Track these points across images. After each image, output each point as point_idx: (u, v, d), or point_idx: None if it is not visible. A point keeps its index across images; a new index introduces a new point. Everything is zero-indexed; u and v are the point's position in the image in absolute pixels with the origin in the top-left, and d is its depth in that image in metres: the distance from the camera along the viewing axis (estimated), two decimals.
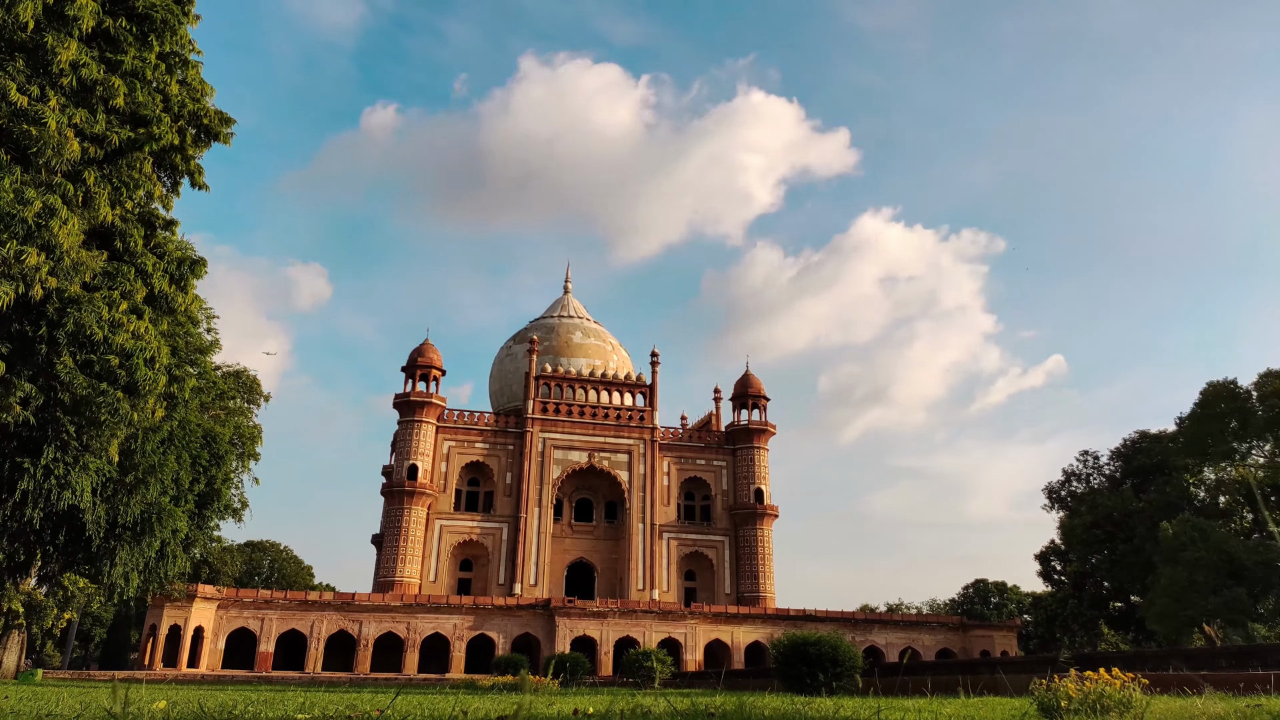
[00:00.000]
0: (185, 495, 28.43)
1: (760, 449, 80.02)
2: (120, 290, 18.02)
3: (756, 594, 74.29)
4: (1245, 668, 16.50)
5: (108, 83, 17.60)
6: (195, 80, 20.85)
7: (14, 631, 46.61)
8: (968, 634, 68.80)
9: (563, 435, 77.21)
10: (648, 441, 78.59)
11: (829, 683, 22.74)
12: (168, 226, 21.29)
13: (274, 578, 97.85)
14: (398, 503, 70.90)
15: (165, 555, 26.35)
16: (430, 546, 71.80)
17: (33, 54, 16.70)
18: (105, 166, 18.30)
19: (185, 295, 21.04)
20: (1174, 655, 20.17)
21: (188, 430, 27.59)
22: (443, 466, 74.58)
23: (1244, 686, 13.48)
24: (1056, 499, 72.58)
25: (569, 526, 77.10)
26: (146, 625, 56.77)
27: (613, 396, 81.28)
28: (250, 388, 48.50)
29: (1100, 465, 71.49)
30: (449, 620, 60.73)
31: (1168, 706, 10.34)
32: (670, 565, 76.01)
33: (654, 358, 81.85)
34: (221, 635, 57.70)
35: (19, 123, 15.98)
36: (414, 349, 77.13)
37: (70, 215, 16.31)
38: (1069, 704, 9.20)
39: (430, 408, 74.06)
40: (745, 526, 77.44)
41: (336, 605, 59.99)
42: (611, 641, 61.25)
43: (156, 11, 18.99)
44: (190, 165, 20.79)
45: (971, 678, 20.88)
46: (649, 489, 77.13)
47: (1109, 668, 9.62)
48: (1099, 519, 62.98)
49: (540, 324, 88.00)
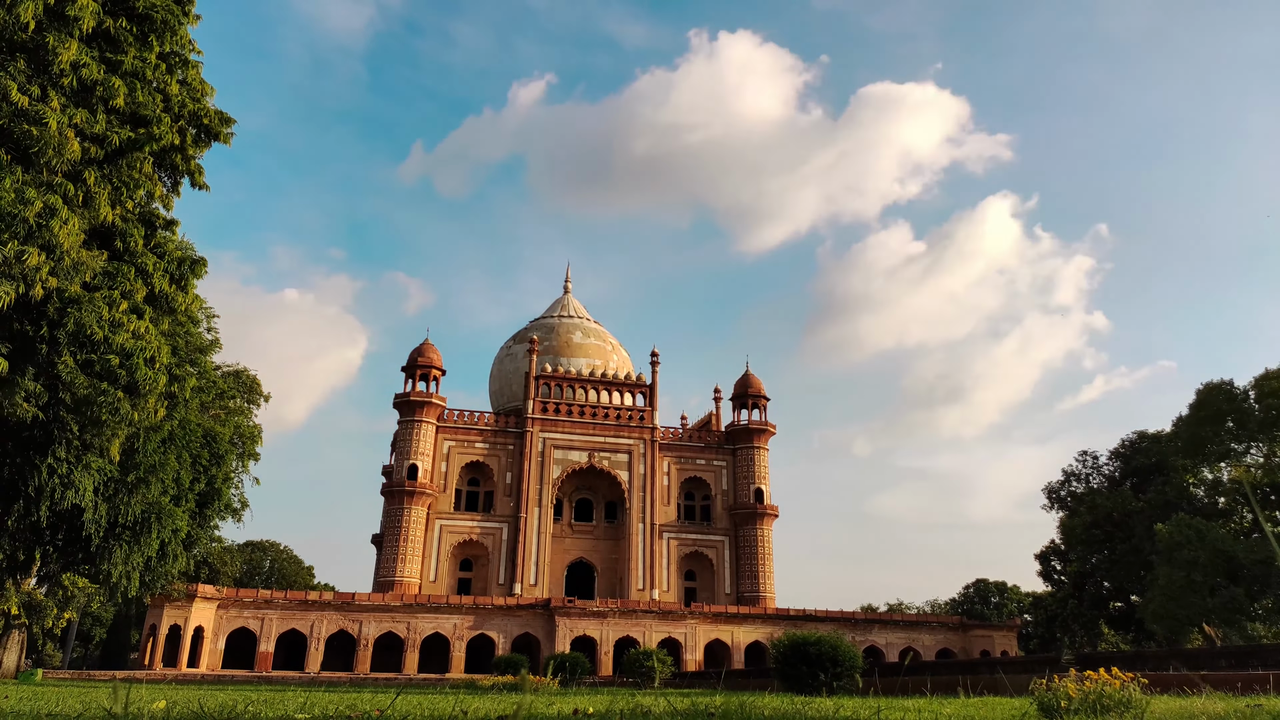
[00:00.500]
0: (186, 495, 28.47)
1: (760, 449, 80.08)
2: (120, 290, 18.03)
3: (756, 594, 74.32)
4: (1245, 668, 16.51)
5: (108, 83, 17.60)
6: (195, 80, 20.88)
7: (14, 631, 46.62)
8: (968, 634, 68.84)
9: (563, 435, 77.23)
10: (648, 441, 78.61)
11: (829, 683, 22.74)
12: (168, 226, 21.34)
13: (274, 578, 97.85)
14: (398, 503, 70.92)
15: (166, 554, 26.39)
16: (430, 546, 71.82)
17: (34, 54, 16.71)
18: (105, 166, 18.31)
19: (185, 295, 21.07)
20: (1174, 655, 20.17)
21: (188, 430, 27.63)
22: (443, 466, 74.60)
23: (1243, 686, 13.50)
24: (1056, 499, 72.54)
25: (569, 526, 77.11)
26: (146, 625, 56.78)
27: (613, 396, 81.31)
28: (250, 388, 48.55)
29: (1100, 465, 71.47)
30: (449, 620, 60.74)
31: (1168, 706, 10.35)
32: (670, 565, 76.03)
33: (654, 358, 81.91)
34: (221, 635, 57.71)
35: (20, 122, 15.99)
36: (414, 349, 77.17)
37: (71, 215, 16.31)
38: (1069, 704, 9.20)
39: (430, 407, 74.08)
40: (745, 526, 77.48)
41: (336, 605, 60.01)
42: (611, 641, 61.26)
43: (157, 12, 19.01)
44: (191, 165, 20.82)
45: (971, 678, 20.89)
46: (649, 489, 77.14)
47: (1109, 668, 9.62)
48: (1098, 519, 62.98)
49: (540, 324, 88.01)
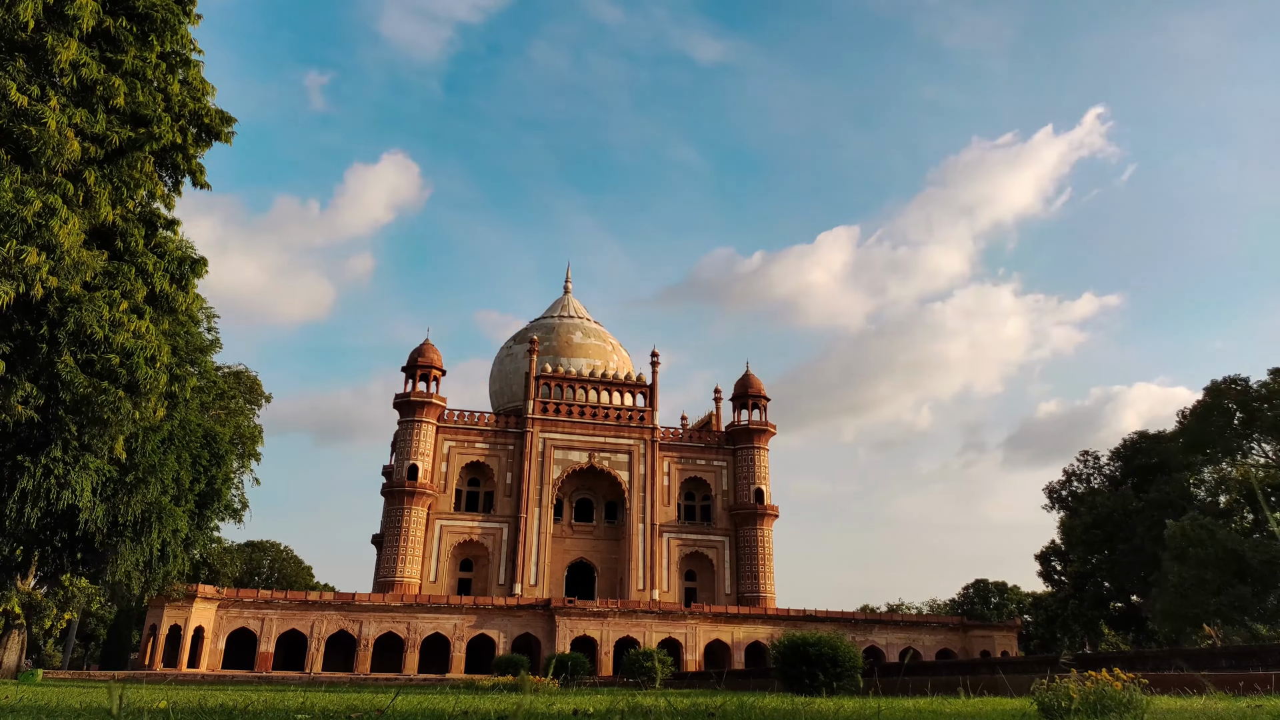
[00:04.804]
0: (186, 495, 28.45)
1: (760, 449, 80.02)
2: (121, 290, 18.01)
3: (757, 594, 74.26)
4: (1246, 668, 16.48)
5: (108, 82, 17.58)
6: (196, 79, 20.85)
7: (14, 631, 46.57)
8: (968, 634, 68.77)
9: (563, 435, 77.18)
10: (648, 441, 78.56)
11: (829, 683, 22.69)
12: (169, 226, 21.31)
13: (274, 578, 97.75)
14: (398, 503, 70.89)
15: (166, 555, 26.37)
16: (430, 546, 71.77)
17: (33, 54, 16.68)
18: (106, 166, 18.28)
19: (186, 295, 21.05)
20: (1175, 655, 20.15)
21: (188, 430, 27.61)
22: (443, 466, 74.56)
23: (1245, 686, 13.48)
24: (1057, 499, 72.52)
25: (569, 526, 77.06)
26: (147, 625, 56.75)
27: (613, 396, 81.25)
28: (251, 388, 48.54)
29: (1100, 465, 71.45)
30: (449, 620, 60.70)
31: (1169, 706, 10.33)
32: (670, 565, 75.98)
33: (654, 358, 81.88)
34: (222, 635, 57.68)
35: (19, 122, 15.96)
36: (414, 349, 77.13)
37: (70, 215, 16.29)
38: (1070, 704, 9.18)
39: (430, 408, 74.04)
40: (745, 526, 77.42)
41: (336, 605, 59.96)
42: (612, 641, 61.21)
43: (157, 11, 18.98)
44: (192, 164, 20.80)
45: (972, 678, 20.86)
46: (649, 489, 77.09)
47: (1109, 668, 9.60)
48: (1099, 519, 62.92)
49: (540, 324, 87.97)
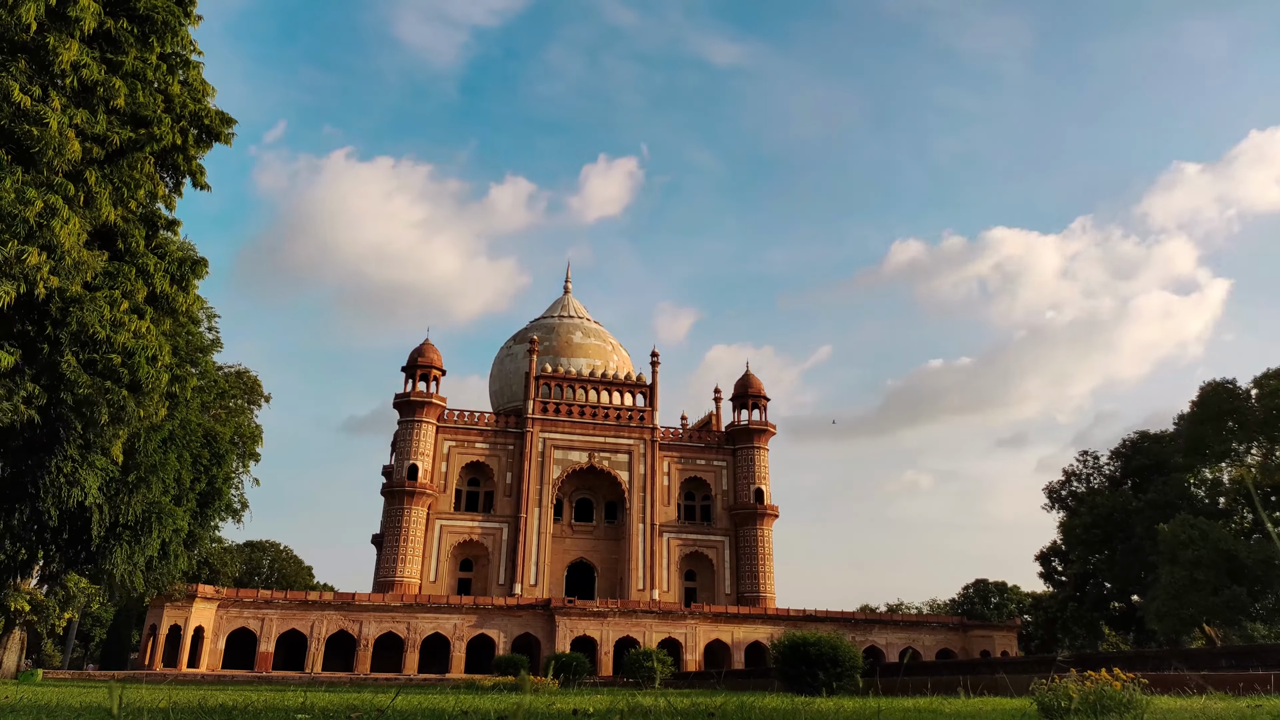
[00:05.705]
0: (186, 495, 28.48)
1: (760, 449, 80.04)
2: (122, 290, 18.05)
3: (757, 594, 74.28)
4: (1245, 668, 16.50)
5: (109, 83, 17.61)
6: (197, 81, 20.88)
7: (14, 631, 46.59)
8: (968, 634, 68.81)
9: (563, 435, 77.20)
10: (648, 441, 78.58)
11: (829, 683, 22.73)
12: (170, 226, 21.34)
13: (274, 578, 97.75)
14: (398, 503, 70.91)
15: (167, 554, 26.39)
16: (430, 546, 71.79)
17: (35, 54, 16.71)
18: (107, 167, 18.31)
19: (186, 295, 21.09)
20: (1174, 655, 20.17)
21: (189, 430, 27.64)
22: (443, 466, 74.58)
23: (1244, 686, 13.51)
24: (1057, 499, 72.48)
25: (569, 526, 77.08)
26: (146, 625, 56.79)
27: (613, 396, 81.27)
28: (251, 388, 48.57)
29: (1100, 465, 71.40)
30: (449, 620, 60.72)
31: (1168, 706, 10.36)
32: (670, 565, 76.00)
33: (654, 358, 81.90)
34: (221, 635, 57.70)
35: (21, 123, 15.99)
36: (414, 349, 77.15)
37: (71, 215, 16.32)
38: (1070, 704, 9.20)
39: (430, 408, 74.06)
40: (745, 526, 77.44)
41: (336, 605, 59.98)
42: (612, 641, 61.24)
43: (158, 13, 19.01)
44: (192, 165, 20.83)
45: (972, 678, 20.89)
46: (649, 489, 77.11)
47: (1109, 668, 9.61)
48: (1099, 519, 62.93)
49: (540, 324, 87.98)
